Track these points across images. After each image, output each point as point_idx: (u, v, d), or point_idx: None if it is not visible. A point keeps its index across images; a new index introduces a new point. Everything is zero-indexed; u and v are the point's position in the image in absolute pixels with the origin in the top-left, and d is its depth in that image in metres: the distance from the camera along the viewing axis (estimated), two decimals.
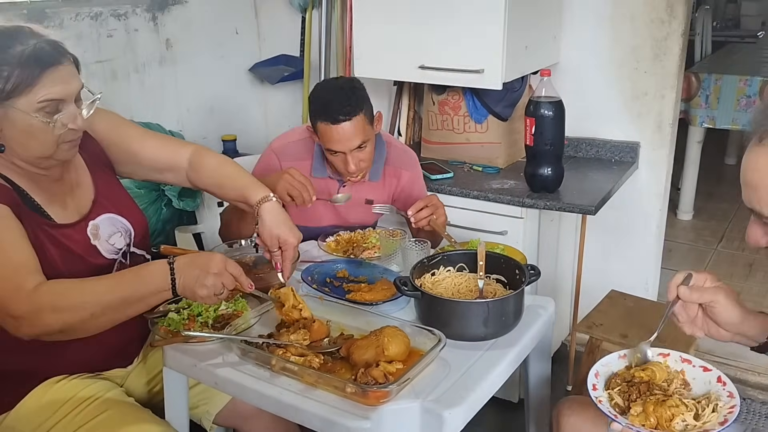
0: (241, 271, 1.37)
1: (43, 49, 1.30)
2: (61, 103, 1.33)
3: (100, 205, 1.52)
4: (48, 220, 1.41)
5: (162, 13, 2.80)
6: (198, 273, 1.31)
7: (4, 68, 1.26)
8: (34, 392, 1.48)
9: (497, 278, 1.57)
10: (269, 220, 1.52)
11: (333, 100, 1.84)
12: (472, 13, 2.19)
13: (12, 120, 1.30)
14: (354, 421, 1.19)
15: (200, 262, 1.34)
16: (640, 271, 2.66)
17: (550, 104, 2.12)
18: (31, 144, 1.34)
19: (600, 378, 1.21)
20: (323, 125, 1.84)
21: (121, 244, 1.53)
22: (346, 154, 1.87)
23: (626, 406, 1.14)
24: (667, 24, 2.40)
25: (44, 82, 1.29)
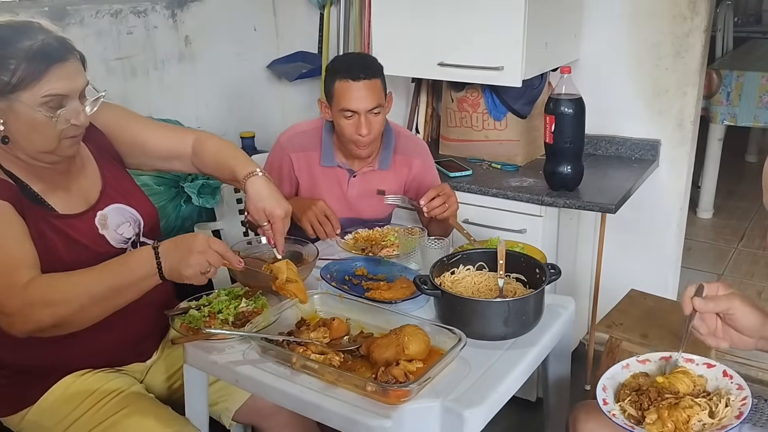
0: (227, 247, 1.38)
1: (50, 45, 1.31)
2: (65, 99, 1.34)
3: (108, 196, 1.54)
4: (51, 211, 1.42)
5: (181, 11, 2.81)
6: (182, 253, 1.32)
7: (11, 61, 1.28)
8: (56, 387, 1.50)
9: (517, 277, 1.56)
10: (254, 194, 1.52)
11: (353, 62, 1.93)
12: (491, 10, 2.18)
13: (16, 113, 1.32)
14: (375, 420, 1.19)
15: (183, 243, 1.35)
16: (660, 271, 2.63)
17: (570, 101, 2.11)
18: (34, 138, 1.35)
19: (608, 391, 1.20)
20: (342, 83, 1.86)
21: (129, 234, 1.54)
22: (360, 115, 1.87)
23: (640, 416, 1.13)
24: (689, 20, 2.37)
25: (50, 77, 1.30)
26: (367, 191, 2.06)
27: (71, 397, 1.49)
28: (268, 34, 3.26)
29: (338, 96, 1.89)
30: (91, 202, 1.50)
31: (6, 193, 1.34)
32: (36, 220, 1.38)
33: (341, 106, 1.88)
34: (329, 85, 1.92)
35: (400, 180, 2.09)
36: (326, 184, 2.05)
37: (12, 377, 1.50)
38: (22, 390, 1.50)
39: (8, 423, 1.53)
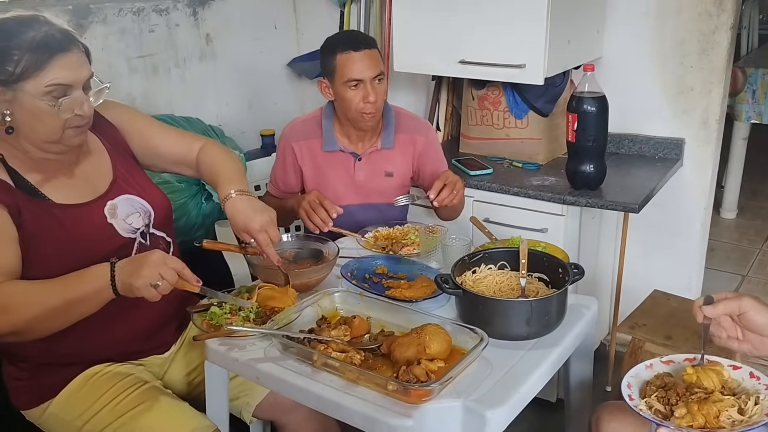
0: (184, 266, 1.38)
1: (53, 36, 1.34)
2: (68, 89, 1.36)
3: (119, 187, 1.55)
4: (52, 203, 1.43)
5: (202, 9, 2.82)
6: (135, 266, 1.33)
7: (15, 52, 1.31)
8: (76, 380, 1.52)
9: (539, 277, 1.54)
10: (230, 216, 1.54)
11: (350, 35, 2.02)
12: (513, 7, 2.16)
13: (20, 103, 1.34)
14: (396, 419, 1.18)
15: (139, 257, 1.36)
16: (683, 271, 2.60)
17: (593, 99, 2.08)
18: (38, 127, 1.37)
19: (633, 388, 1.19)
20: (344, 55, 1.89)
21: (139, 224, 1.55)
22: (366, 83, 1.90)
23: (668, 411, 1.12)
24: (715, 17, 2.33)
25: (52, 66, 1.33)
26: (375, 173, 2.07)
27: (91, 391, 1.50)
28: (289, 32, 3.26)
29: (341, 68, 1.90)
30: (100, 192, 1.52)
31: (2, 195, 1.36)
32: (36, 214, 1.40)
33: (346, 77, 1.90)
34: (329, 62, 1.93)
35: (406, 158, 2.10)
36: (332, 170, 2.06)
37: (33, 370, 1.52)
38: (43, 383, 1.52)
39: (30, 416, 1.56)
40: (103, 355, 1.54)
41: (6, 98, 1.34)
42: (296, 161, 2.07)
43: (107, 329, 1.51)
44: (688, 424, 1.07)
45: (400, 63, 2.45)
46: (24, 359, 1.52)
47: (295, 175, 2.09)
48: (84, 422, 1.48)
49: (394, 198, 2.08)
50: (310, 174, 2.07)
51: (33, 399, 1.53)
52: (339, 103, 1.99)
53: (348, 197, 2.04)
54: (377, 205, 2.09)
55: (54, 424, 1.53)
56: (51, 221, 1.42)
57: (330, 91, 1.98)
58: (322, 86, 2.00)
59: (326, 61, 1.95)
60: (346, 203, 2.00)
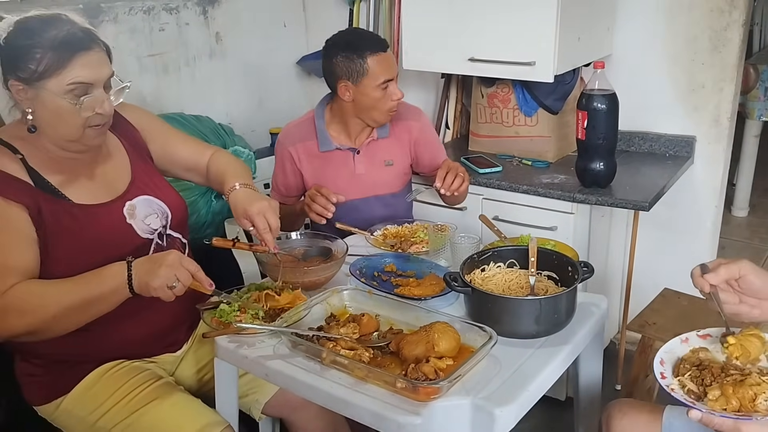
0: (198, 268, 1.39)
1: (75, 35, 1.35)
2: (89, 87, 1.37)
3: (137, 188, 1.57)
4: (71, 203, 1.44)
5: (212, 7, 2.83)
6: (152, 266, 1.34)
7: (37, 51, 1.32)
8: (89, 377, 1.53)
9: (549, 275, 1.54)
10: (233, 205, 1.58)
11: (369, 36, 1.99)
12: (523, 4, 2.15)
13: (42, 101, 1.36)
14: (405, 417, 1.19)
15: (156, 257, 1.38)
16: None
17: (603, 97, 2.07)
18: (59, 126, 1.38)
19: (666, 365, 1.14)
20: (376, 56, 1.91)
21: (156, 225, 1.56)
22: (395, 81, 1.95)
23: (701, 392, 1.08)
24: (727, 14, 2.32)
25: (74, 65, 1.34)
26: (375, 164, 2.08)
27: (104, 388, 1.51)
28: (298, 30, 3.27)
29: (374, 70, 1.91)
30: (119, 192, 1.53)
31: (22, 196, 1.37)
32: (56, 213, 1.41)
33: (381, 78, 1.92)
34: (357, 65, 1.90)
35: (402, 146, 2.12)
36: (332, 168, 2.07)
37: (47, 367, 1.53)
38: (57, 380, 1.53)
39: (43, 412, 1.57)
40: (117, 353, 1.56)
41: (28, 96, 1.36)
42: (295, 165, 2.07)
43: (121, 328, 1.52)
44: (721, 407, 1.03)
45: (410, 61, 2.45)
46: (38, 355, 1.53)
47: (295, 178, 2.10)
48: (97, 418, 1.49)
49: (396, 188, 2.11)
50: (309, 175, 2.07)
51: (46, 395, 1.54)
52: (363, 104, 1.96)
53: (351, 192, 2.04)
54: (382, 197, 2.10)
55: (67, 420, 1.54)
56: (71, 221, 1.43)
57: (349, 94, 1.95)
58: (342, 89, 1.95)
59: (351, 62, 1.91)
60: (350, 199, 2.01)
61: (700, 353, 1.17)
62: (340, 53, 1.92)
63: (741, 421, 1.00)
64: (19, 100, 1.38)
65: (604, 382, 1.68)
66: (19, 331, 1.33)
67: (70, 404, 1.53)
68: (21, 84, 1.35)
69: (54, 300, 1.34)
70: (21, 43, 1.33)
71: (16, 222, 1.36)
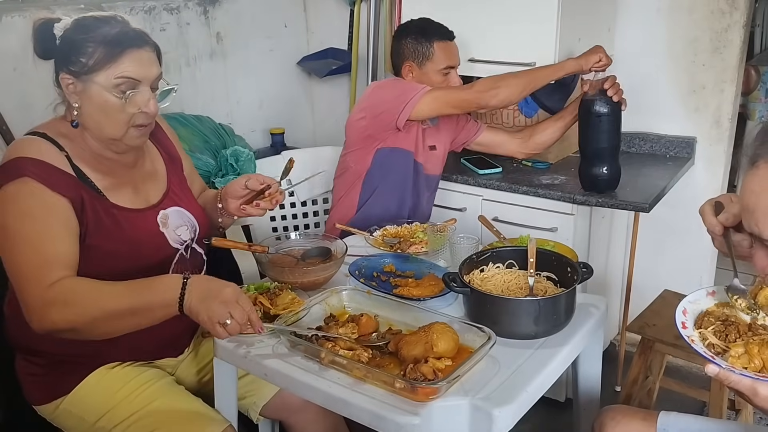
0: (253, 308, 1.33)
1: (127, 33, 1.39)
2: (137, 84, 1.39)
3: (171, 198, 1.58)
4: (111, 203, 1.45)
5: (213, 7, 2.83)
6: (208, 294, 1.29)
7: (89, 45, 1.36)
8: (90, 377, 1.52)
9: (548, 276, 1.54)
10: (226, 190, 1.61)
11: (437, 24, 2.14)
12: (524, 5, 2.16)
13: (90, 95, 1.38)
14: (403, 417, 1.19)
15: (214, 285, 1.32)
16: (694, 271, 2.58)
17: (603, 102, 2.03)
18: (104, 122, 1.40)
19: (689, 315, 1.09)
20: (442, 44, 2.10)
21: (186, 237, 1.57)
22: (456, 70, 2.12)
23: (723, 348, 1.03)
24: (728, 15, 2.32)
25: (124, 60, 1.37)
26: (424, 147, 2.19)
27: (104, 388, 1.51)
28: (299, 31, 3.27)
29: (440, 56, 2.10)
30: (154, 201, 1.55)
31: (68, 189, 1.37)
32: (97, 211, 1.42)
33: (446, 64, 2.10)
34: (423, 48, 2.10)
35: (449, 131, 2.27)
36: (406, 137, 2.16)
37: (48, 366, 1.53)
38: (58, 379, 1.53)
39: (42, 411, 1.57)
40: (122, 356, 1.55)
41: (77, 90, 1.38)
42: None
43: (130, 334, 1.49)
44: (743, 365, 0.99)
45: None
46: (39, 355, 1.53)
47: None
48: (98, 418, 1.49)
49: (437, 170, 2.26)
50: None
51: (47, 395, 1.54)
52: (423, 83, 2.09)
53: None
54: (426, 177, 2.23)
55: (67, 420, 1.54)
56: (110, 221, 1.44)
57: (413, 75, 2.12)
58: (406, 69, 2.13)
59: (418, 45, 2.10)
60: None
61: (726, 308, 1.12)
62: (410, 36, 2.11)
63: (760, 381, 0.96)
64: (68, 94, 1.40)
65: (604, 384, 1.67)
66: (61, 326, 1.30)
67: (70, 404, 1.52)
68: (71, 77, 1.37)
69: (101, 301, 1.30)
70: (75, 37, 1.37)
71: (63, 213, 1.36)
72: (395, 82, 2.14)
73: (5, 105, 2.19)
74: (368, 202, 2.16)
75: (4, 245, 1.34)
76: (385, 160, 2.13)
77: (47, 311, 1.29)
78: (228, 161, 2.40)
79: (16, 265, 1.32)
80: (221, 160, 2.43)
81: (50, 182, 1.35)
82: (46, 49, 1.41)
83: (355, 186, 2.17)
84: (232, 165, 2.40)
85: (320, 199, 2.53)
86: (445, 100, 2.04)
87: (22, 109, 2.18)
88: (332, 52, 3.20)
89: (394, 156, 2.13)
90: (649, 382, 2.12)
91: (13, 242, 1.32)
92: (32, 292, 1.30)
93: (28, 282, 1.31)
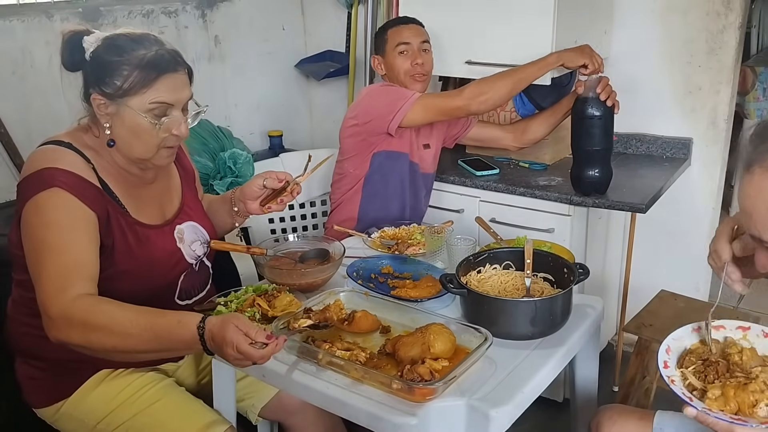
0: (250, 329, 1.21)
1: (162, 57, 1.37)
2: (169, 108, 1.39)
3: (186, 213, 1.59)
4: (132, 218, 1.45)
5: (211, 10, 2.84)
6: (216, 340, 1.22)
7: (125, 68, 1.34)
8: (90, 380, 1.53)
9: (544, 277, 1.55)
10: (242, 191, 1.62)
11: (401, 17, 2.25)
12: (520, 7, 2.17)
13: (122, 117, 1.37)
14: (400, 417, 1.19)
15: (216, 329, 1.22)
16: (691, 272, 2.59)
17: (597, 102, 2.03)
18: (135, 144, 1.40)
19: (672, 354, 1.12)
20: (394, 29, 2.18)
21: (200, 252, 1.58)
22: (413, 46, 2.15)
23: (703, 388, 1.05)
24: (724, 16, 2.33)
25: (158, 86, 1.36)
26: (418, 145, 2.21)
27: (105, 391, 1.52)
28: (297, 34, 3.28)
29: (391, 37, 2.17)
30: (170, 215, 1.55)
31: (95, 202, 1.37)
32: (122, 226, 1.42)
33: (396, 41, 2.15)
34: (381, 39, 2.20)
35: (441, 131, 2.29)
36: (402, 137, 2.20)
37: (49, 370, 1.54)
38: (59, 382, 1.53)
39: (43, 414, 1.57)
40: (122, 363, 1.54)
41: (108, 111, 1.37)
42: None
43: None
44: (720, 407, 1.00)
45: None
46: (39, 358, 1.53)
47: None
48: (98, 420, 1.50)
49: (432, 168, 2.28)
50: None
51: (47, 398, 1.54)
52: (391, 73, 2.18)
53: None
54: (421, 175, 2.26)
55: (67, 423, 1.55)
56: (133, 237, 1.44)
57: (382, 67, 2.21)
58: (375, 62, 2.23)
59: (379, 39, 2.21)
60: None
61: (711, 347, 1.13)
62: (376, 36, 2.24)
63: (736, 424, 0.98)
64: (99, 115, 1.38)
65: (601, 384, 1.68)
66: (76, 342, 1.27)
67: (70, 407, 1.53)
68: (103, 99, 1.36)
69: (123, 336, 1.24)
70: (109, 58, 1.35)
71: (89, 224, 1.35)
72: (386, 88, 2.14)
73: (3, 108, 2.20)
74: (370, 206, 2.17)
75: (30, 253, 1.33)
76: (383, 164, 2.15)
77: (67, 328, 1.26)
78: (226, 164, 2.41)
79: (41, 274, 1.30)
80: (219, 163, 2.44)
81: (80, 194, 1.35)
82: (75, 62, 1.39)
83: (355, 190, 2.19)
84: (231, 167, 2.41)
85: (318, 201, 2.54)
86: (436, 109, 2.05)
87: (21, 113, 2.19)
88: (330, 54, 3.22)
89: (391, 159, 2.14)
90: (646, 382, 2.12)
91: (40, 251, 1.31)
92: (55, 303, 1.27)
93: (51, 292, 1.28)
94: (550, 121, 2.25)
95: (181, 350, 1.32)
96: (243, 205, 1.62)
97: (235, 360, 1.22)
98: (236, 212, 1.65)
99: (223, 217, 1.70)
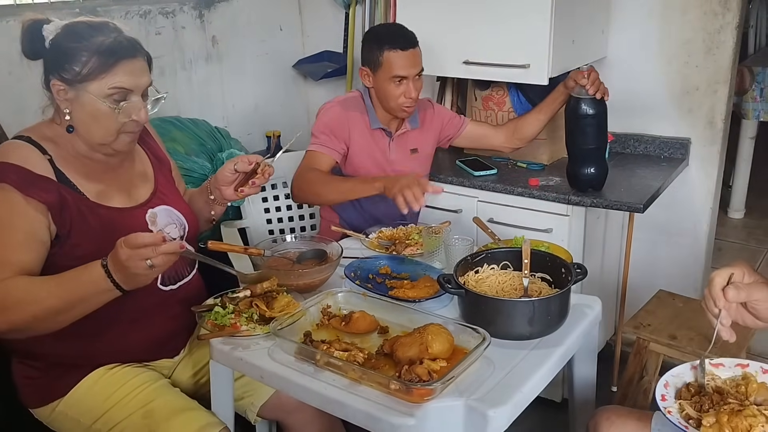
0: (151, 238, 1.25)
1: (121, 43, 1.39)
2: (129, 94, 1.40)
3: (159, 198, 1.60)
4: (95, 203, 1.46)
5: (208, 11, 2.84)
6: (118, 266, 1.26)
7: (84, 54, 1.36)
8: (85, 380, 1.53)
9: (542, 277, 1.55)
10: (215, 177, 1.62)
11: (396, 32, 2.08)
12: (517, 7, 2.16)
13: (82, 103, 1.39)
14: (398, 418, 1.19)
15: (115, 258, 1.26)
16: (689, 271, 2.59)
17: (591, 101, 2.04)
18: (95, 128, 1.41)
19: (670, 388, 1.16)
20: (392, 53, 2.03)
21: (175, 235, 1.58)
22: (410, 80, 2.04)
23: (698, 417, 1.08)
24: (721, 16, 2.33)
25: (117, 71, 1.37)
26: (405, 152, 2.19)
27: (100, 390, 1.52)
28: (294, 34, 3.28)
29: (388, 65, 2.04)
30: (142, 199, 1.56)
31: (46, 194, 1.38)
32: (81, 211, 1.43)
33: (393, 73, 2.04)
34: (375, 55, 2.06)
35: (434, 134, 2.26)
36: (370, 148, 2.14)
37: (44, 370, 1.54)
38: (54, 382, 1.53)
39: (39, 414, 1.57)
40: (116, 357, 1.56)
41: (68, 97, 1.39)
42: (348, 130, 2.11)
43: (124, 334, 1.53)
44: None
45: None
46: (35, 358, 1.53)
47: (341, 143, 2.10)
48: (93, 420, 1.50)
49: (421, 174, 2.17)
50: (355, 148, 2.12)
51: (43, 398, 1.55)
52: (380, 93, 2.10)
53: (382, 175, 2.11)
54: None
55: (63, 423, 1.54)
56: (96, 221, 1.45)
57: (370, 80, 2.11)
58: (363, 74, 2.12)
59: (371, 52, 2.07)
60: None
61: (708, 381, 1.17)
62: (368, 42, 2.10)
63: None
64: (59, 101, 1.40)
65: (600, 384, 1.68)
66: (3, 328, 1.31)
67: (66, 407, 1.53)
68: (63, 84, 1.38)
69: (34, 302, 1.30)
70: (69, 45, 1.37)
71: (31, 221, 1.37)
72: (322, 115, 2.13)
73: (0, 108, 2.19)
74: (371, 207, 2.16)
75: None
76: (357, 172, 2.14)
77: None
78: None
79: None
80: (217, 163, 2.43)
81: (28, 189, 1.36)
82: (35, 50, 1.41)
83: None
84: None
85: None
86: (300, 170, 2.05)
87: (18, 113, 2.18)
88: (327, 54, 3.21)
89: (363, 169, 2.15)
90: (644, 382, 2.12)
91: None
92: None
93: None
94: (539, 117, 2.24)
95: (95, 295, 1.30)
96: (219, 192, 1.63)
97: (131, 260, 1.22)
98: (213, 200, 1.65)
99: (202, 207, 1.71)
